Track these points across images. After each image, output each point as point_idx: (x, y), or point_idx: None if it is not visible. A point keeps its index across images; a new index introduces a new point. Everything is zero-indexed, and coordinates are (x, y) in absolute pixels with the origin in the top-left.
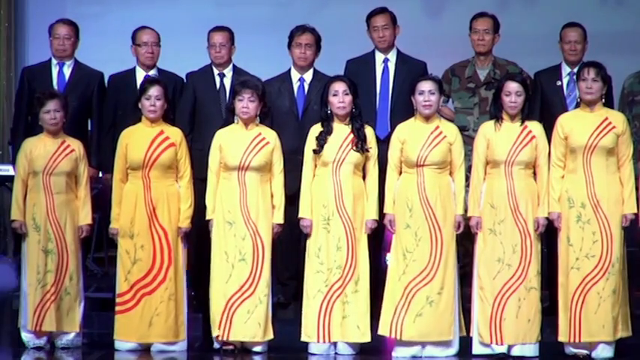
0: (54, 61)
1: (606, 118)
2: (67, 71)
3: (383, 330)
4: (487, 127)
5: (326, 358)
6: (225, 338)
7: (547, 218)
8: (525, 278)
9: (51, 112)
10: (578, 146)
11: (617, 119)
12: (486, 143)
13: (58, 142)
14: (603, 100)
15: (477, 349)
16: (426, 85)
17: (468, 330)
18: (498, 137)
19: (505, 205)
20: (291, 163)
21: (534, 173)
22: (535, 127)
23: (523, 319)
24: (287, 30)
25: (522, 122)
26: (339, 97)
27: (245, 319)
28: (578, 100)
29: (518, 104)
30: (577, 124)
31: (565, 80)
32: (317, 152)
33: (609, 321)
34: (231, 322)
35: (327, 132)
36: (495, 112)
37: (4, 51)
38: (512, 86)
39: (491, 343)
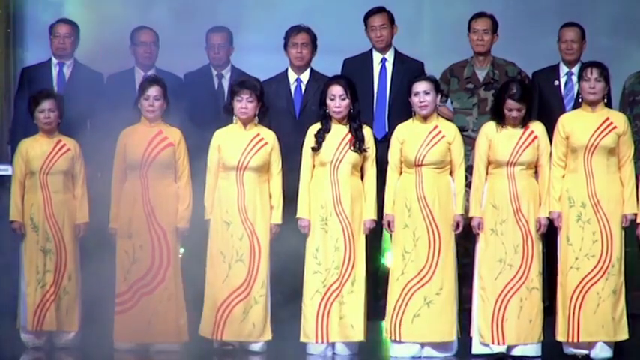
0: (54, 61)
1: (607, 119)
2: (67, 71)
3: (386, 331)
4: (489, 127)
5: (324, 358)
6: (219, 338)
7: (549, 218)
8: (527, 278)
9: (45, 111)
10: (579, 146)
11: (619, 119)
12: (488, 144)
13: (54, 142)
14: (605, 100)
15: (477, 349)
16: (420, 86)
17: (468, 330)
18: (500, 138)
19: (507, 206)
20: (288, 163)
21: (536, 173)
22: (537, 127)
23: (525, 319)
24: None
25: (524, 124)
26: (336, 102)
27: (241, 319)
28: (580, 100)
29: (519, 117)
30: (578, 123)
31: (563, 80)
32: (315, 150)
33: (609, 321)
34: (225, 322)
35: (325, 130)
36: (497, 120)
37: (3, 51)
38: (513, 105)
39: (493, 343)
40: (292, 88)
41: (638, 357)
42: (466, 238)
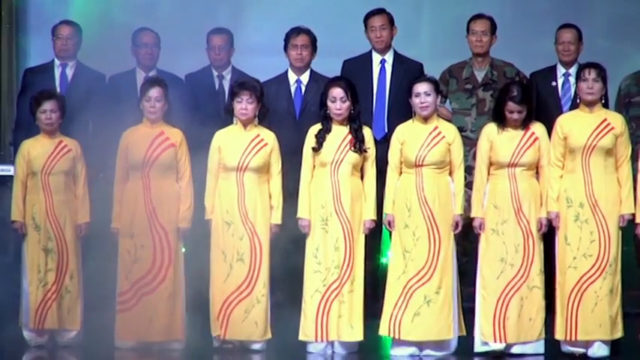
0: (56, 62)
1: (605, 119)
2: (70, 72)
3: (383, 330)
4: (490, 128)
5: (324, 357)
6: (222, 337)
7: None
8: (528, 278)
9: (47, 112)
10: (577, 146)
11: (616, 120)
12: (489, 145)
13: (55, 142)
14: (603, 101)
15: (480, 347)
16: (421, 87)
17: (470, 329)
18: (502, 139)
19: (508, 206)
20: (288, 164)
21: (537, 173)
22: (538, 128)
23: (525, 318)
24: None
25: (525, 125)
26: (337, 104)
27: (242, 318)
28: (578, 100)
29: (520, 119)
30: (576, 124)
31: (560, 81)
32: (316, 150)
33: (606, 320)
34: (227, 322)
35: (326, 130)
36: (498, 122)
37: (5, 52)
38: (514, 107)
39: (495, 342)
40: (292, 89)
41: (634, 355)
42: (465, 237)
